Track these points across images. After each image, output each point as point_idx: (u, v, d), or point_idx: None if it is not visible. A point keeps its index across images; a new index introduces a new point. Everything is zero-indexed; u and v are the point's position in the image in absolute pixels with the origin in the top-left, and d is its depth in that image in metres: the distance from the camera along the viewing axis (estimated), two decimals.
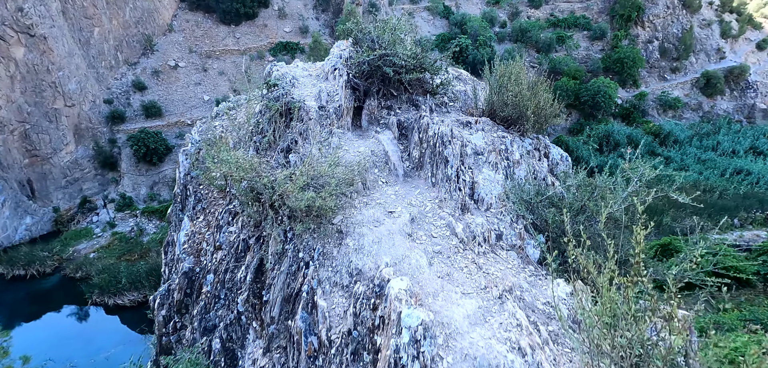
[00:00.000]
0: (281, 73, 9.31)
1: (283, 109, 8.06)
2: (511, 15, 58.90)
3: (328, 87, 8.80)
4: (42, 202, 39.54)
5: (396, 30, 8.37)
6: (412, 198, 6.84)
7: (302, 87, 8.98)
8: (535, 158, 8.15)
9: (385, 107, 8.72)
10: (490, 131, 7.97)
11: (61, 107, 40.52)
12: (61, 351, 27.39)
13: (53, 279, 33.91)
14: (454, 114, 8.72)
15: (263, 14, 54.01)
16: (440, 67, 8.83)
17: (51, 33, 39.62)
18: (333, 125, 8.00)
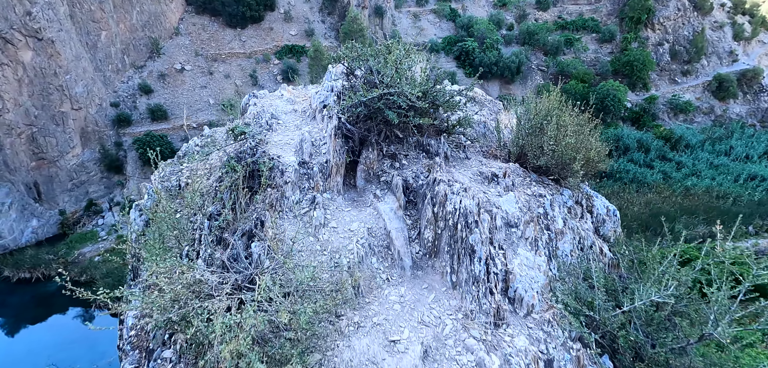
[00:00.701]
0: (258, 110, 7.78)
1: (248, 171, 6.03)
2: (518, 17, 58.32)
3: (315, 132, 7.02)
4: (48, 205, 39.66)
5: (401, 63, 6.40)
6: (424, 311, 5.00)
7: (282, 130, 7.25)
8: (577, 215, 6.57)
9: (388, 155, 6.86)
10: (523, 187, 6.36)
11: (68, 110, 40.67)
12: (64, 354, 27.39)
13: (58, 283, 33.95)
14: (475, 159, 6.99)
15: (269, 17, 53.98)
16: (458, 102, 7.07)
17: (59, 37, 39.81)
18: (317, 188, 6.14)
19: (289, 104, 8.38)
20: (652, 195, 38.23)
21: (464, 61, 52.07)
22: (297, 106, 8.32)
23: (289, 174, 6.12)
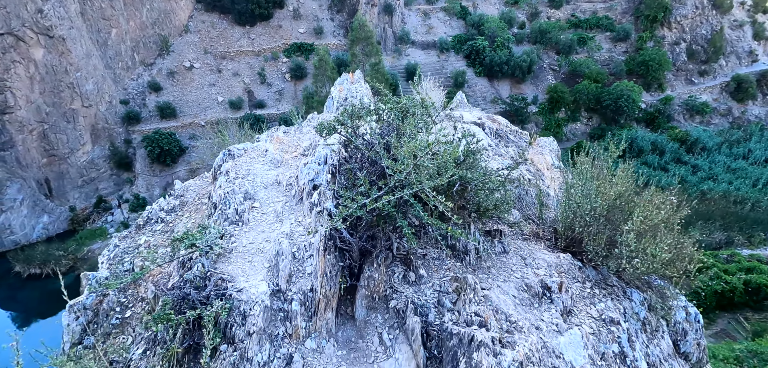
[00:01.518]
0: (230, 184, 5.75)
1: (193, 319, 4.16)
2: (530, 16, 57.32)
3: (299, 232, 4.93)
4: (59, 201, 40.07)
5: (422, 149, 4.31)
6: None
7: (256, 221, 5.31)
8: (650, 326, 5.03)
9: (399, 257, 4.89)
10: (584, 304, 4.73)
11: (78, 107, 40.99)
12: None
13: (68, 279, 34.11)
14: (514, 253, 5.25)
15: (278, 15, 53.80)
16: (497, 184, 5.18)
17: (69, 34, 40.08)
18: (297, 335, 4.19)
19: (273, 167, 6.40)
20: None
21: (474, 60, 51.34)
22: (283, 172, 6.24)
23: (254, 318, 4.02)
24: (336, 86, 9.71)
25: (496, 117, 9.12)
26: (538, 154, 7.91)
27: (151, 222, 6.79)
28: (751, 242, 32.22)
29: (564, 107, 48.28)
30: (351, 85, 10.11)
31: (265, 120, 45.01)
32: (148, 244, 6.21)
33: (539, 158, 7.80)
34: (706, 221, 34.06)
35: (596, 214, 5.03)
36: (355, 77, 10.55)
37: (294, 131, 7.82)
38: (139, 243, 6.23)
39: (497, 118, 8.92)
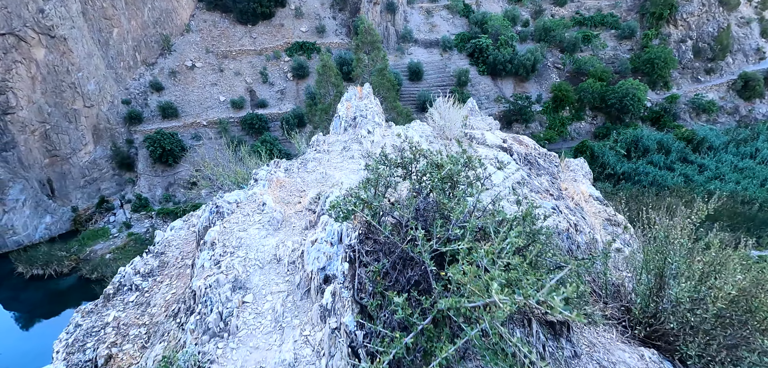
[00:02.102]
0: (216, 263, 4.50)
1: None
2: (534, 13, 56.80)
3: (305, 359, 3.57)
4: (61, 201, 40.01)
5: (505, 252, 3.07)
6: None
7: (244, 333, 3.91)
8: None
9: None
10: None
11: (80, 107, 40.88)
12: None
13: (70, 280, 34.15)
14: (585, 350, 4.03)
15: (280, 14, 53.52)
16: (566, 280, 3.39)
17: (71, 34, 39.94)
18: None
19: (272, 230, 5.02)
20: (673, 199, 36.80)
21: (478, 58, 50.91)
22: (284, 239, 4.84)
23: None
24: (343, 103, 9.09)
25: (523, 138, 8.11)
26: (570, 180, 7.02)
27: (124, 290, 5.56)
28: (760, 244, 31.74)
29: (568, 106, 47.82)
30: (359, 101, 9.43)
31: (268, 120, 44.87)
32: (118, 323, 5.01)
33: (573, 187, 6.75)
34: (714, 223, 33.67)
35: (706, 314, 3.87)
36: (363, 92, 9.88)
37: (297, 169, 6.65)
38: (107, 321, 5.06)
39: (524, 139, 7.90)
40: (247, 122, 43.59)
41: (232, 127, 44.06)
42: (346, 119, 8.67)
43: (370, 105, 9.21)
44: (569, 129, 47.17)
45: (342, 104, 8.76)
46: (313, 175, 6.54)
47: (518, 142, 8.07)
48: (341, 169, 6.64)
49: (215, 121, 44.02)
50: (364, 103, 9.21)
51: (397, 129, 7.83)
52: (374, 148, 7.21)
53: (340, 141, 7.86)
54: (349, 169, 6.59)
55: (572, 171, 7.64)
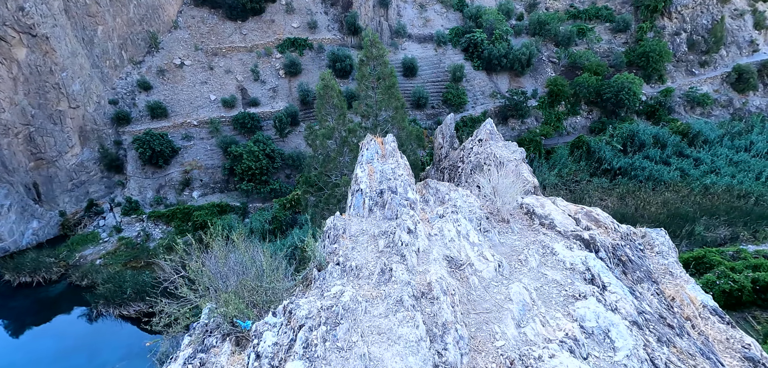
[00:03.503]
0: None
1: None
2: (528, 7, 56.26)
3: None
4: (48, 205, 38.90)
5: None
6: None
7: None
8: None
9: None
10: None
11: (65, 108, 39.64)
12: (66, 363, 26.75)
13: (59, 287, 33.25)
14: None
15: (270, 9, 52.35)
16: None
17: (53, 33, 38.59)
18: None
19: None
20: (670, 194, 36.78)
21: (472, 53, 50.35)
22: None
23: None
24: (362, 165, 7.40)
25: (599, 215, 6.37)
26: (664, 273, 5.18)
27: None
28: (756, 238, 31.81)
29: (564, 101, 47.52)
30: (383, 163, 7.65)
31: (260, 119, 43.94)
32: None
33: (678, 292, 4.98)
34: (711, 217, 33.61)
35: None
36: (386, 147, 8.19)
37: (322, 342, 4.27)
38: None
39: (600, 216, 6.15)
40: (238, 121, 42.66)
41: (223, 126, 43.11)
42: (370, 194, 6.98)
43: (398, 169, 7.46)
44: (565, 124, 46.93)
45: (361, 168, 7.22)
46: None
47: (595, 223, 6.30)
48: (391, 341, 4.20)
49: (206, 120, 43.02)
50: (390, 166, 7.53)
51: (441, 224, 5.85)
52: (420, 263, 5.34)
53: (368, 235, 6.04)
54: (403, 343, 4.11)
55: (658, 254, 5.92)
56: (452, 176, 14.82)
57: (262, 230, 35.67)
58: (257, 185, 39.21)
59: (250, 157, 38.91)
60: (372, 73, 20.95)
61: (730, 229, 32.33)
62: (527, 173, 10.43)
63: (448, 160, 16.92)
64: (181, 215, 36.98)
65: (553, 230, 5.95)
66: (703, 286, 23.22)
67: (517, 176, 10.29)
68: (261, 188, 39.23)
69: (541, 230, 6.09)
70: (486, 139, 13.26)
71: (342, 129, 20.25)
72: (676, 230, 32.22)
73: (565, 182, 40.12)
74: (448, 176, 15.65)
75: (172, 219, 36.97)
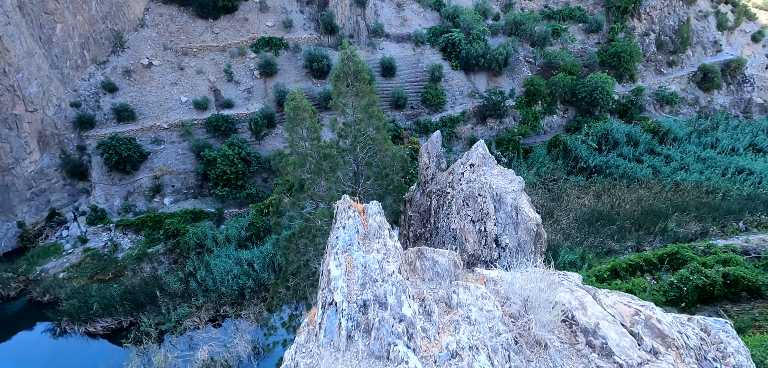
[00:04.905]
0: None
1: None
2: (504, 7, 56.72)
3: None
4: (5, 216, 36.28)
5: None
6: None
7: None
8: None
9: None
10: None
11: (21, 112, 37.05)
12: None
13: (18, 304, 31.01)
14: None
15: (243, 7, 50.74)
16: None
17: (6, 31, 35.97)
18: None
19: None
20: (643, 191, 37.71)
21: (450, 53, 50.31)
22: None
23: None
24: (339, 258, 5.33)
25: (662, 325, 4.87)
26: None
27: None
28: (725, 233, 32.97)
29: (541, 100, 48.13)
30: (367, 254, 5.49)
31: (235, 121, 42.44)
32: None
33: None
34: (682, 213, 34.65)
35: None
36: (370, 223, 6.05)
37: None
38: None
39: (663, 325, 4.82)
40: (212, 123, 41.04)
41: (196, 129, 41.39)
42: (348, 312, 4.83)
43: (388, 262, 5.43)
44: (542, 123, 47.53)
45: (336, 260, 5.25)
46: None
47: (661, 340, 4.76)
48: None
49: (177, 123, 41.18)
50: (375, 257, 5.41)
51: None
52: None
53: None
54: None
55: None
56: (441, 203, 13.85)
57: (239, 237, 34.39)
58: (233, 190, 37.80)
59: (225, 161, 37.47)
60: (349, 89, 19.14)
61: (700, 224, 33.38)
62: (528, 209, 9.64)
63: (435, 183, 15.74)
64: (151, 224, 35.20)
65: (609, 361, 4.39)
66: (678, 281, 23.80)
67: (527, 228, 9.19)
68: (237, 194, 37.85)
69: (593, 361, 4.42)
70: (479, 164, 12.21)
71: (316, 154, 18.29)
72: (650, 226, 33.01)
73: (544, 181, 40.58)
74: (436, 202, 14.63)
75: (142, 228, 35.14)
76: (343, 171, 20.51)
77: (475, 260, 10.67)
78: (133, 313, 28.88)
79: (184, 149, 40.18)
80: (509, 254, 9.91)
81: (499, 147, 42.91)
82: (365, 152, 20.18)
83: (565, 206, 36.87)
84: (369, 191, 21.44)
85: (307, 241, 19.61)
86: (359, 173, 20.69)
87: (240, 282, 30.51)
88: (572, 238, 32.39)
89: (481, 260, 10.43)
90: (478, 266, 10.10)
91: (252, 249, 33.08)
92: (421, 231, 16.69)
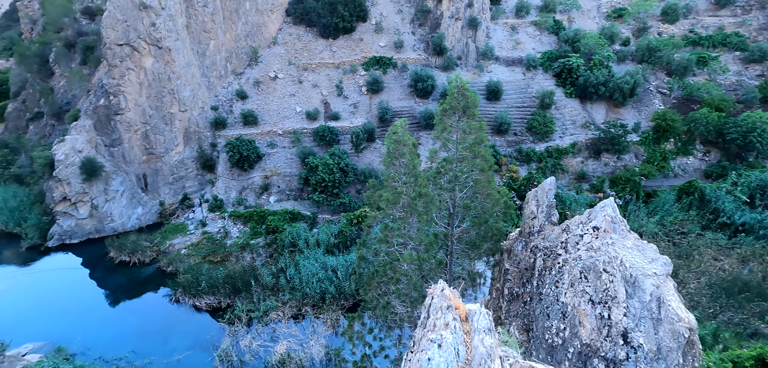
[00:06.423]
0: None
1: None
2: (636, 31, 50.50)
3: None
4: (152, 195, 44.15)
5: None
6: None
7: None
8: None
9: None
10: None
11: (176, 111, 44.95)
12: (143, 343, 29.25)
13: (149, 269, 37.11)
14: None
15: (360, 28, 54.24)
16: None
17: (175, 46, 44.15)
18: None
19: None
20: None
21: (565, 79, 46.46)
22: None
23: None
24: None
25: None
26: None
27: None
28: None
29: (673, 138, 41.26)
30: None
31: (339, 133, 45.29)
32: None
33: None
34: None
35: None
36: (474, 335, 4.69)
37: None
38: None
39: None
40: (319, 133, 44.39)
41: (304, 137, 45.22)
42: None
43: None
44: (672, 165, 40.63)
45: None
46: None
47: None
48: None
49: (290, 130, 45.55)
50: None
51: None
52: None
53: None
54: None
55: None
56: (548, 266, 11.72)
57: (328, 242, 36.15)
58: (328, 198, 40.13)
59: (325, 169, 40.05)
60: (456, 124, 17.58)
61: None
62: (677, 304, 7.70)
63: (542, 238, 13.58)
64: (257, 218, 39.23)
65: None
66: None
67: (674, 331, 7.18)
68: (331, 201, 40.06)
69: None
70: (606, 229, 10.07)
71: (411, 191, 17.34)
72: None
73: (668, 232, 34.46)
74: (542, 262, 12.30)
75: (249, 220, 39.39)
76: (437, 210, 19.12)
77: (590, 352, 8.69)
78: (231, 296, 32.25)
79: (292, 155, 44.16)
80: (643, 359, 7.83)
81: (613, 186, 37.87)
82: (464, 193, 18.61)
83: (695, 268, 30.75)
84: (464, 237, 19.69)
85: (389, 282, 18.94)
86: (455, 214, 19.07)
87: (323, 285, 31.95)
88: (702, 308, 26.79)
89: (600, 354, 8.50)
90: (595, 361, 8.42)
91: (338, 257, 34.43)
92: (519, 291, 14.70)
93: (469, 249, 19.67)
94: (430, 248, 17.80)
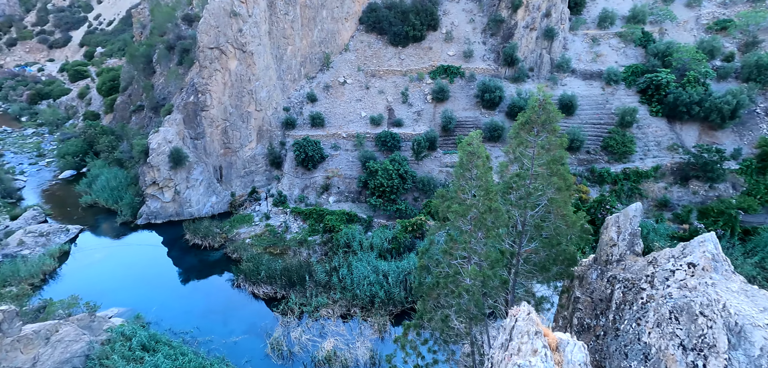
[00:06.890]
0: None
1: None
2: (743, 45, 44.42)
3: None
4: (225, 186, 47.81)
5: None
6: None
7: None
8: None
9: None
10: None
11: (252, 110, 48.37)
12: (206, 321, 31.58)
13: (217, 254, 40.13)
14: None
15: (430, 37, 54.21)
16: None
17: (257, 50, 47.65)
18: None
19: None
20: None
21: (651, 96, 42.22)
22: None
23: None
24: None
25: None
26: None
27: None
28: None
29: None
30: None
31: (400, 139, 45.52)
32: None
33: None
34: None
35: None
36: (565, 359, 4.41)
37: None
38: None
39: None
40: (381, 139, 44.98)
41: (367, 141, 46.08)
42: None
43: None
44: None
45: None
46: None
47: None
48: None
49: (353, 134, 46.73)
50: None
51: None
52: None
53: None
54: None
55: None
56: (629, 300, 10.63)
57: (381, 247, 36.34)
58: (385, 203, 40.40)
59: (384, 174, 40.42)
60: (534, 140, 16.64)
61: None
62: None
63: (621, 267, 12.32)
64: (316, 216, 40.68)
65: None
66: None
67: None
68: (388, 206, 40.27)
69: None
70: (705, 267, 8.88)
71: (481, 204, 16.78)
72: None
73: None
74: (621, 296, 11.16)
75: (308, 218, 40.98)
76: (505, 227, 18.17)
77: None
78: (286, 288, 33.70)
79: (353, 158, 45.22)
80: None
81: (702, 218, 33.50)
82: (536, 212, 17.79)
83: None
84: (531, 257, 18.65)
85: (450, 295, 18.36)
86: (523, 233, 18.24)
87: (373, 289, 32.14)
88: None
89: None
90: None
91: (390, 262, 34.45)
92: (592, 323, 13.54)
93: (537, 271, 18.28)
94: (495, 265, 16.81)
